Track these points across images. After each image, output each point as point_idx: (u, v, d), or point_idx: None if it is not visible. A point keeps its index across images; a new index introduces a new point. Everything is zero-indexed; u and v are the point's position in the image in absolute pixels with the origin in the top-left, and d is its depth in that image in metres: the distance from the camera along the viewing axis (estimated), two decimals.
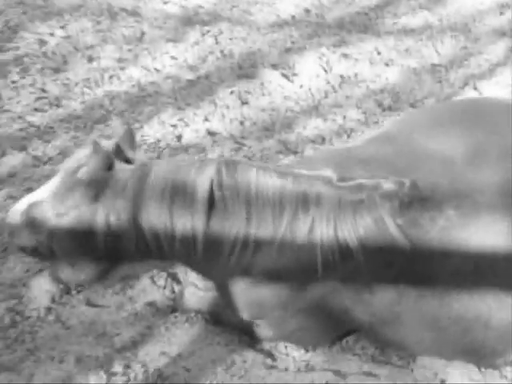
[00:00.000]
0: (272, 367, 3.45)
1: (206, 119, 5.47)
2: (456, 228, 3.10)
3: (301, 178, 3.26)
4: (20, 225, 3.53)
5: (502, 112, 3.70)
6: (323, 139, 5.22)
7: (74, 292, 3.84)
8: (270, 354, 3.55)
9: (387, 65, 6.29)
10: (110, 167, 3.36)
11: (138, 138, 5.17)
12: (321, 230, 3.16)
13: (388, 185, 3.18)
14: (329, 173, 3.27)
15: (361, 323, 3.34)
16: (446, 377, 3.36)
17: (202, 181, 3.25)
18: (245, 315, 3.47)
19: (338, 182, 3.22)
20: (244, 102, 5.69)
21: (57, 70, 6.05)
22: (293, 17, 7.16)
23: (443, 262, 3.11)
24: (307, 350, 3.53)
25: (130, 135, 3.62)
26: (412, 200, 3.16)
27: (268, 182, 3.23)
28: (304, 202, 3.19)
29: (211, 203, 3.25)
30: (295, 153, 5.04)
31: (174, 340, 3.59)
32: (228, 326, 3.62)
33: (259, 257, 3.25)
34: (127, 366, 3.44)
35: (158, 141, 5.19)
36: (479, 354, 3.30)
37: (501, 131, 3.46)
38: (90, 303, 3.80)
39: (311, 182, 3.23)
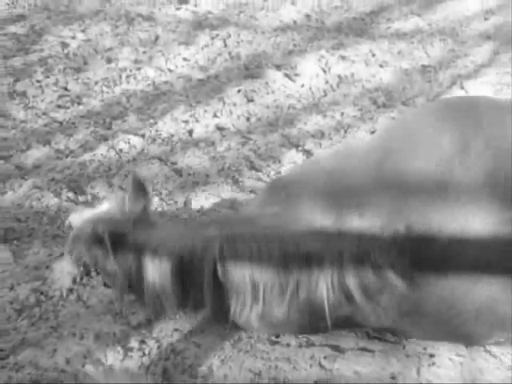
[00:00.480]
0: (276, 343, 3.42)
1: (215, 115, 5.44)
2: (451, 257, 3.02)
3: (301, 239, 3.15)
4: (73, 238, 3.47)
5: (490, 108, 3.62)
6: (322, 134, 5.19)
7: (93, 274, 3.82)
8: None
9: (381, 66, 6.27)
10: (117, 246, 3.26)
11: (152, 132, 5.18)
12: (326, 286, 3.11)
13: (384, 235, 3.05)
14: (328, 223, 3.14)
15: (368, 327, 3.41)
16: (435, 352, 3.34)
17: (207, 261, 3.20)
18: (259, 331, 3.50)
19: (337, 237, 3.13)
20: (250, 100, 5.67)
21: (78, 70, 6.05)
22: (295, 22, 7.16)
23: (440, 290, 3.06)
24: None
25: (138, 186, 3.44)
26: (407, 246, 3.04)
27: (270, 253, 3.16)
28: (308, 264, 3.13)
29: (217, 282, 3.23)
30: (297, 146, 5.01)
31: (186, 318, 3.57)
32: None
33: (269, 311, 3.26)
34: (142, 342, 3.41)
35: (171, 135, 5.17)
36: (469, 340, 3.31)
37: (490, 126, 3.35)
38: (108, 284, 3.78)
39: (311, 242, 3.14)
